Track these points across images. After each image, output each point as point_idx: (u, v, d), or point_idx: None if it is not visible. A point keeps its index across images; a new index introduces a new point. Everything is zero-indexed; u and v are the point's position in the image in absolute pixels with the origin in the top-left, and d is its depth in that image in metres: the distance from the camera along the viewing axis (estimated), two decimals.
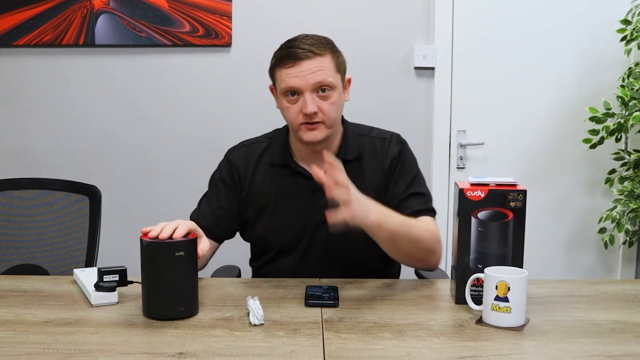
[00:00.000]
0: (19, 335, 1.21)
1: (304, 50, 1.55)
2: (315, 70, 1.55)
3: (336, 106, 1.60)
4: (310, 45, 1.56)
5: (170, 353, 1.13)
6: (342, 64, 1.63)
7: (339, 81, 1.61)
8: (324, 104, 1.57)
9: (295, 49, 1.56)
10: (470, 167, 2.91)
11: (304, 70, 1.54)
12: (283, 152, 1.69)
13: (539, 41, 2.85)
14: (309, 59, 1.55)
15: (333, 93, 1.58)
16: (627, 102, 2.43)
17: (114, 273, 1.42)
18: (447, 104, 2.86)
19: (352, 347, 1.16)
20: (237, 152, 1.74)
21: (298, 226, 1.67)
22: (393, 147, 1.70)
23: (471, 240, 1.36)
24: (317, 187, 1.63)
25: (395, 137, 1.73)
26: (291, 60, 1.55)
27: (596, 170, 2.87)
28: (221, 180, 1.72)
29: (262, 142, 1.75)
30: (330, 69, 1.57)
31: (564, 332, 1.24)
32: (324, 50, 1.57)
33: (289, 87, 1.56)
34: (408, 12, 2.83)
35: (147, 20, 2.78)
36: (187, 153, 2.89)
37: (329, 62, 1.57)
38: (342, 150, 1.67)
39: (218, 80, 2.86)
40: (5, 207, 2.01)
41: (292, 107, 1.59)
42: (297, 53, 1.55)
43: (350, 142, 1.69)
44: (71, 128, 2.89)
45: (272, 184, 1.69)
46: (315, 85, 1.55)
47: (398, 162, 1.68)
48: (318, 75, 1.55)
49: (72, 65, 2.85)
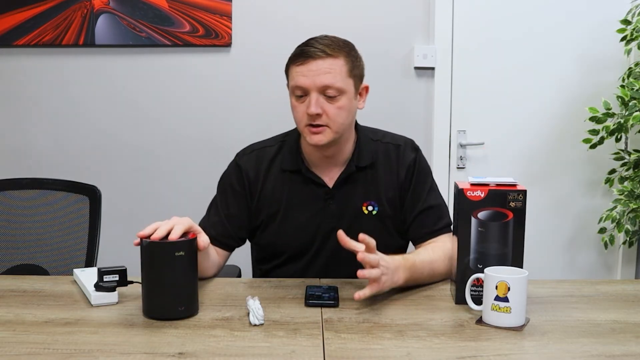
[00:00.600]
0: (19, 335, 1.21)
1: (317, 49, 1.53)
2: (324, 71, 1.52)
3: (344, 111, 1.56)
4: (325, 45, 1.53)
5: (170, 353, 1.13)
6: (357, 69, 1.59)
7: (351, 86, 1.56)
8: (329, 107, 1.54)
9: (310, 47, 1.54)
10: (470, 167, 2.91)
11: (313, 70, 1.52)
12: (294, 157, 1.66)
13: (539, 41, 2.85)
14: (320, 59, 1.52)
15: (341, 97, 1.54)
16: (627, 102, 2.43)
17: (114, 273, 1.42)
18: (447, 104, 2.86)
19: (352, 347, 1.16)
20: (246, 157, 1.70)
21: (308, 233, 1.66)
22: (408, 155, 1.68)
23: (471, 240, 1.36)
24: (329, 195, 1.64)
25: (409, 143, 1.72)
26: (302, 58, 1.53)
27: (596, 170, 2.87)
28: (231, 186, 1.68)
29: (272, 145, 1.70)
30: (340, 72, 1.53)
31: (564, 332, 1.24)
32: (338, 52, 1.54)
33: (296, 85, 1.54)
34: (408, 12, 2.83)
35: (147, 20, 2.78)
36: (187, 153, 2.89)
37: (341, 65, 1.54)
38: (356, 156, 1.65)
39: (218, 80, 2.86)
40: (5, 207, 2.01)
41: (299, 107, 1.57)
42: (310, 51, 1.53)
43: (363, 148, 1.66)
44: (71, 128, 2.89)
45: (282, 189, 1.66)
46: (322, 87, 1.52)
47: (414, 172, 1.67)
48: (326, 77, 1.52)
49: (72, 65, 2.85)
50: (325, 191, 1.65)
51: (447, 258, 1.55)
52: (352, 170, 1.64)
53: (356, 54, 1.60)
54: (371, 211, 1.65)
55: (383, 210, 1.65)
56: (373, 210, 1.65)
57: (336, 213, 1.64)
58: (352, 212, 1.65)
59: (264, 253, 1.75)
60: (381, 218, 1.66)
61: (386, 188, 1.66)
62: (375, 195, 1.66)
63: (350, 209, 1.65)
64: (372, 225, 1.63)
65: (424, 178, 1.69)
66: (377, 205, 1.65)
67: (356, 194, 1.65)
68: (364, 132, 1.70)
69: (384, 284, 1.35)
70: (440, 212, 1.68)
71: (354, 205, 1.65)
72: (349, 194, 1.65)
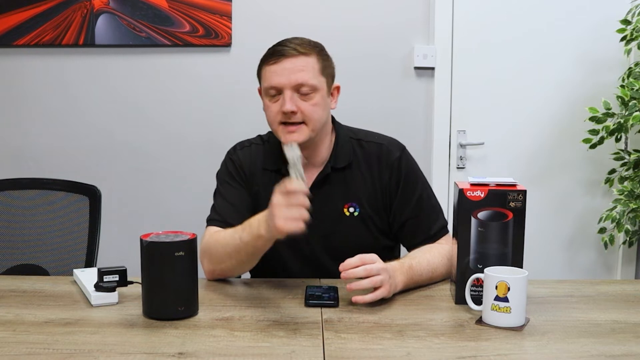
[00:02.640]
0: (19, 335, 1.21)
1: (289, 48, 1.54)
2: (298, 69, 1.52)
3: (319, 108, 1.55)
4: (296, 44, 1.55)
5: (170, 353, 1.13)
6: (329, 68, 1.60)
7: (324, 84, 1.57)
8: (304, 104, 1.54)
9: (282, 46, 1.55)
10: (470, 167, 2.91)
11: (287, 68, 1.52)
12: (275, 156, 1.65)
13: (539, 41, 2.85)
14: (292, 57, 1.53)
15: (315, 95, 1.54)
16: (627, 102, 2.43)
17: (114, 273, 1.42)
18: (447, 104, 2.86)
19: (352, 347, 1.16)
20: (239, 152, 1.70)
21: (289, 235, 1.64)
22: (392, 154, 1.65)
23: (471, 241, 1.36)
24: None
25: (394, 143, 1.68)
26: (275, 57, 1.54)
27: (596, 170, 2.87)
28: (229, 175, 1.67)
29: (259, 144, 1.71)
30: (313, 70, 1.54)
31: (564, 332, 1.24)
32: (310, 50, 1.56)
33: (270, 85, 1.55)
34: (408, 12, 2.83)
35: (147, 20, 2.78)
36: (187, 153, 2.89)
37: (314, 63, 1.55)
38: (333, 158, 1.64)
39: (218, 80, 2.86)
40: (5, 207, 2.01)
41: (272, 106, 1.56)
42: (283, 50, 1.54)
43: (341, 149, 1.65)
44: (71, 128, 2.89)
45: (265, 188, 1.63)
46: (296, 85, 1.53)
47: (400, 172, 1.64)
48: (300, 74, 1.52)
49: (72, 65, 2.85)
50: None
51: (444, 258, 1.54)
52: (328, 172, 1.63)
53: (327, 54, 1.61)
54: (352, 213, 1.63)
55: (364, 212, 1.63)
56: (355, 212, 1.63)
57: (315, 215, 1.62)
58: (333, 214, 1.63)
59: None
60: (363, 219, 1.64)
61: (367, 189, 1.64)
62: (355, 197, 1.63)
63: (331, 210, 1.63)
64: (354, 227, 1.63)
65: (413, 178, 1.65)
66: (358, 206, 1.63)
67: (335, 195, 1.63)
68: (343, 131, 1.68)
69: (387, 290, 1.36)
70: (435, 214, 1.66)
71: (334, 207, 1.63)
72: (327, 196, 1.63)
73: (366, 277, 1.34)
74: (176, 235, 1.32)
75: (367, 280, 1.34)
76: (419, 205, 1.64)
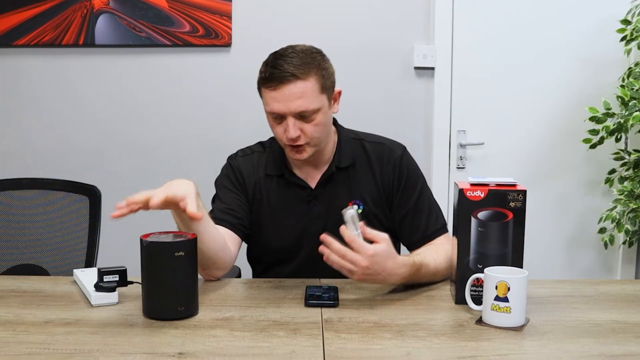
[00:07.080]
0: (19, 335, 1.21)
1: (287, 74, 1.51)
2: (297, 96, 1.52)
3: (321, 126, 1.58)
4: (294, 67, 1.52)
5: (170, 353, 1.13)
6: (329, 80, 1.59)
7: (325, 100, 1.57)
8: (306, 127, 1.56)
9: (279, 69, 1.52)
10: (470, 167, 2.91)
11: (286, 94, 1.52)
12: (278, 162, 1.68)
13: (539, 41, 2.85)
14: (291, 83, 1.51)
15: (317, 115, 1.56)
16: (627, 102, 2.43)
17: (114, 273, 1.42)
18: (447, 104, 2.86)
19: (352, 347, 1.16)
20: (239, 159, 1.72)
21: (296, 235, 1.67)
22: (394, 153, 1.68)
23: (471, 241, 1.36)
24: (312, 196, 1.65)
25: (395, 143, 1.72)
26: (274, 83, 1.53)
27: (596, 170, 2.87)
28: (228, 179, 1.70)
29: (261, 151, 1.73)
30: (313, 93, 1.53)
31: (564, 332, 1.24)
32: (307, 71, 1.53)
33: (272, 110, 1.56)
34: (408, 12, 2.83)
35: (147, 20, 2.78)
36: (187, 153, 2.89)
37: (312, 85, 1.53)
38: (336, 157, 1.67)
39: (218, 80, 2.86)
40: (5, 207, 2.01)
41: (277, 127, 1.59)
42: (280, 76, 1.52)
43: (344, 148, 1.68)
44: (71, 128, 2.89)
45: (269, 194, 1.68)
46: (297, 113, 1.54)
47: (401, 170, 1.67)
48: (299, 102, 1.52)
49: (72, 65, 2.85)
50: (308, 193, 1.66)
51: (447, 258, 1.55)
52: (332, 171, 1.66)
53: (325, 64, 1.59)
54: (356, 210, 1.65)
55: (368, 209, 1.66)
56: (358, 209, 1.65)
57: (322, 214, 1.65)
58: (338, 212, 1.64)
59: (254, 253, 1.77)
60: (367, 216, 1.65)
61: (369, 186, 1.67)
62: (358, 194, 1.66)
63: (335, 209, 1.64)
64: None
65: (414, 177, 1.68)
66: (361, 204, 1.66)
67: (340, 194, 1.66)
68: (345, 133, 1.72)
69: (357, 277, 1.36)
70: (434, 213, 1.68)
71: (339, 205, 1.65)
72: (332, 195, 1.66)
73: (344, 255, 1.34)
74: (176, 236, 1.33)
75: (336, 259, 1.34)
76: (418, 204, 1.67)
